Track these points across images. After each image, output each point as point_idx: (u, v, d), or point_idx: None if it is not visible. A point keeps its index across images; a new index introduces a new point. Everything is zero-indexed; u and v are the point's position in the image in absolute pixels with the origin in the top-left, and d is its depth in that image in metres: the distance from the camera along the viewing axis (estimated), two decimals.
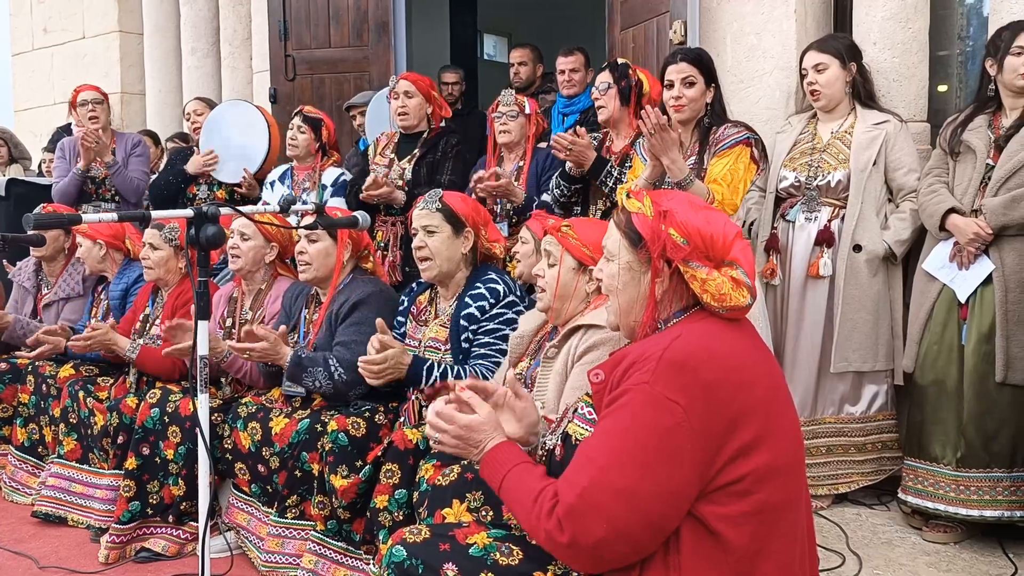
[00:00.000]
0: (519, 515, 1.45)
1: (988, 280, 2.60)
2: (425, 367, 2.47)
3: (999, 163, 2.61)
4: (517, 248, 2.79)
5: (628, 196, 1.55)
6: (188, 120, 4.68)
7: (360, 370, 2.41)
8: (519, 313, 2.54)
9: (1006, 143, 2.62)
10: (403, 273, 3.55)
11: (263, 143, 4.17)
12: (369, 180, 3.44)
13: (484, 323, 2.54)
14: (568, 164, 3.06)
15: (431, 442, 1.63)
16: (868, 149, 2.87)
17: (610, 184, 2.95)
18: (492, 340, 2.52)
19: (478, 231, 2.69)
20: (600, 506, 1.33)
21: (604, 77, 3.12)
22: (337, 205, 3.59)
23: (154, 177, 4.55)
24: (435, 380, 2.45)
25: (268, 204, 3.80)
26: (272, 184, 3.99)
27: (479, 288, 2.59)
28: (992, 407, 2.55)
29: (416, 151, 3.64)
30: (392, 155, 3.69)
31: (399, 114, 3.64)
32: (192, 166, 4.17)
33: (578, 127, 3.18)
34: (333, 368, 2.64)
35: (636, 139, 3.00)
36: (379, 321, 2.46)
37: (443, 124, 3.73)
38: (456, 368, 2.51)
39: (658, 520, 1.34)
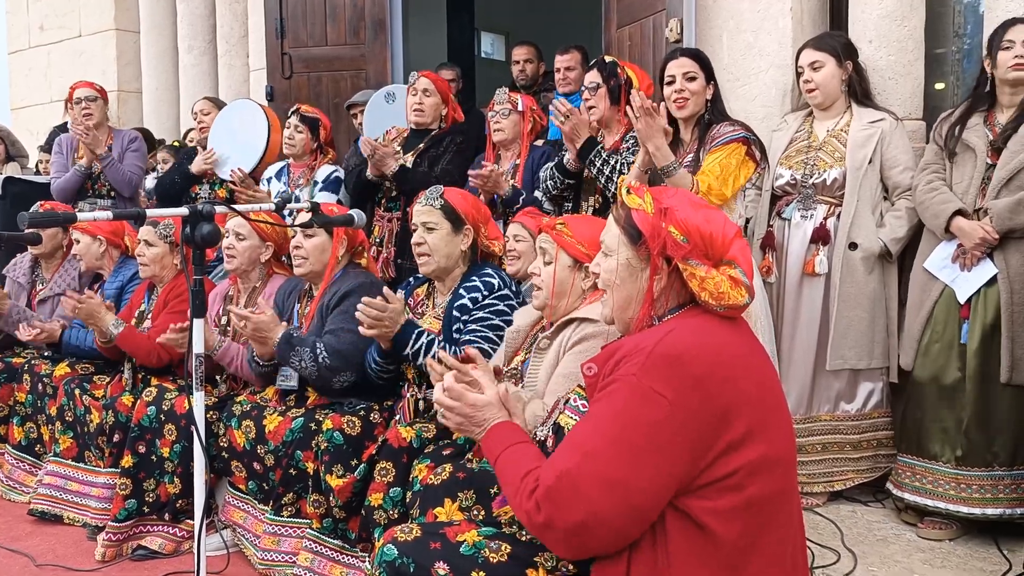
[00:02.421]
0: (507, 494, 1.47)
1: (990, 280, 2.59)
2: (415, 331, 2.47)
3: (1000, 164, 2.60)
4: (513, 246, 2.79)
5: (628, 192, 1.55)
6: (195, 119, 4.69)
7: (357, 314, 2.41)
8: (511, 307, 2.53)
9: (1005, 143, 2.60)
10: (396, 268, 3.55)
11: (261, 142, 4.17)
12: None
13: (475, 312, 2.54)
14: (567, 158, 3.05)
15: (438, 416, 1.65)
16: (864, 147, 2.86)
17: (598, 164, 2.92)
18: (480, 328, 2.51)
19: (478, 229, 2.69)
20: (579, 490, 1.33)
21: (592, 77, 3.09)
22: (326, 201, 3.60)
23: (160, 175, 4.55)
24: (421, 347, 2.45)
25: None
26: (268, 181, 4.01)
27: (474, 281, 2.59)
28: (995, 407, 2.54)
29: (421, 145, 3.64)
30: (399, 148, 3.69)
31: (415, 110, 3.64)
32: (195, 166, 4.19)
33: (584, 103, 3.17)
34: (319, 352, 2.64)
35: (627, 133, 3.00)
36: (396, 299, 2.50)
37: (453, 125, 3.74)
38: (442, 343, 2.50)
39: (638, 508, 1.34)
